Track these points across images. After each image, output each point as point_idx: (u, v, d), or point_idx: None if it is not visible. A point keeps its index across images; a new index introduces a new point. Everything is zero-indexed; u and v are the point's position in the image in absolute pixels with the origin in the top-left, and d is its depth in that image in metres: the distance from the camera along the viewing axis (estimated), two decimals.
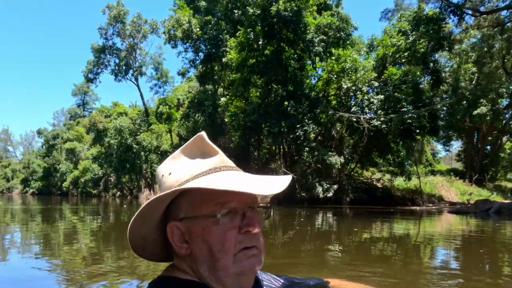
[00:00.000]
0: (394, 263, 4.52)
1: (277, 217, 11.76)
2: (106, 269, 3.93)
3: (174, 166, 0.70)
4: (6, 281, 3.41)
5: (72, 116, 60.95)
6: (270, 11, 17.74)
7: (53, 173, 51.45)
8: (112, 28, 37.08)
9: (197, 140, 0.72)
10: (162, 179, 0.71)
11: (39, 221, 10.46)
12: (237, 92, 19.84)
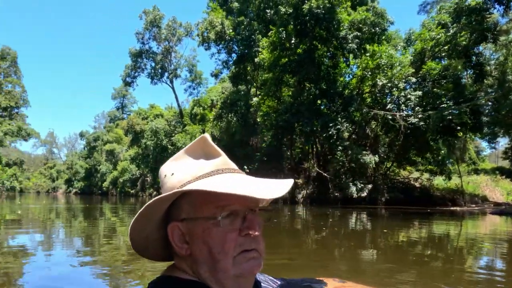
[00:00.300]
0: (433, 269, 4.18)
1: (309, 217, 11.80)
2: (143, 266, 4.06)
3: (176, 166, 0.72)
4: (50, 275, 3.63)
5: (112, 118, 64.61)
6: (302, 9, 17.79)
7: (94, 173, 54.77)
8: (149, 33, 38.74)
9: (200, 142, 0.73)
10: (164, 180, 0.72)
11: (81, 219, 11.17)
12: (269, 91, 20.06)
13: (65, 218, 11.65)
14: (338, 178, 16.17)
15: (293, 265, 4.15)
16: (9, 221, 9.76)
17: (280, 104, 19.60)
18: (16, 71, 61.16)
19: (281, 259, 4.34)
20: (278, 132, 18.69)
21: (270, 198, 0.64)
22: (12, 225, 8.74)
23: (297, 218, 11.42)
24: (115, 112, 64.80)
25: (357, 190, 15.41)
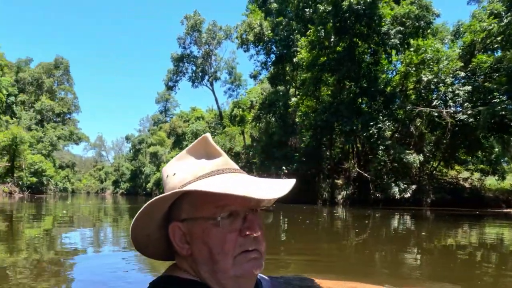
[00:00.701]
0: (484, 278, 3.71)
1: (349, 218, 11.71)
2: None
3: (178, 166, 0.72)
4: (99, 271, 3.87)
5: (156, 122, 67.88)
6: (341, 6, 17.71)
7: (139, 175, 57.83)
8: (190, 37, 40.30)
9: (202, 142, 0.73)
10: (166, 180, 0.73)
11: (127, 218, 11.95)
12: (308, 91, 20.12)
13: (112, 217, 12.51)
14: (380, 179, 15.84)
15: (332, 267, 4.05)
16: (60, 219, 10.70)
17: (319, 104, 19.59)
18: (68, 79, 66.20)
19: (319, 261, 4.30)
20: (317, 132, 18.68)
21: (270, 198, 0.63)
22: (64, 224, 9.55)
23: (336, 220, 11.36)
24: (159, 116, 68.06)
25: (400, 191, 15.00)
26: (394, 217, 12.02)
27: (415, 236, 7.38)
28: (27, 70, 56.95)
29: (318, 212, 13.47)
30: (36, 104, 53.97)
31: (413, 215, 12.65)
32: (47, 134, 48.93)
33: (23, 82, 54.96)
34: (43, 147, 45.53)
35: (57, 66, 63.70)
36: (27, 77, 55.43)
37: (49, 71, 61.01)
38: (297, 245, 5.88)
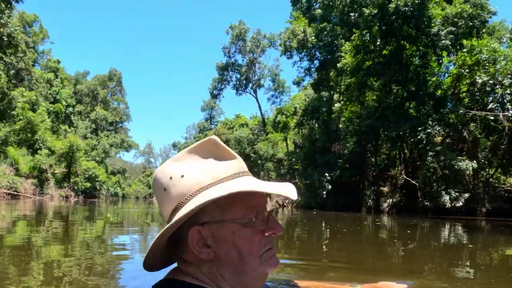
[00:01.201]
0: None
1: (395, 227, 11.45)
2: None
3: (184, 168, 0.70)
4: (141, 273, 4.16)
5: (201, 129, 70.58)
6: (388, 9, 17.55)
7: None
8: (234, 46, 41.63)
9: (209, 143, 0.72)
10: (171, 182, 0.69)
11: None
12: (352, 96, 19.99)
13: (159, 221, 13.30)
14: (429, 186, 15.25)
15: (376, 279, 4.00)
16: (111, 222, 11.56)
17: (364, 109, 19.37)
18: (121, 90, 70.77)
19: (363, 271, 4.16)
20: (362, 138, 18.46)
21: (294, 199, 0.68)
22: (114, 226, 10.27)
23: (382, 228, 11.13)
24: (204, 123, 70.72)
25: (450, 200, 14.33)
26: (445, 227, 11.52)
27: (468, 248, 6.92)
28: (84, 83, 61.84)
29: (360, 220, 13.29)
30: (92, 114, 58.29)
31: (465, 225, 12.03)
32: (101, 142, 52.61)
33: (80, 93, 59.74)
34: (97, 154, 49.02)
35: (111, 78, 68.43)
36: (84, 89, 60.21)
37: (103, 83, 65.72)
38: (329, 252, 5.88)
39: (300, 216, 15.99)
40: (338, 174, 19.56)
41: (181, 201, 0.68)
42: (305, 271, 3.96)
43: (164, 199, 0.70)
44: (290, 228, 9.81)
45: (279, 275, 3.11)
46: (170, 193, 0.69)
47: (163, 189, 0.70)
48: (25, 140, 33.37)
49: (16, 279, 3.01)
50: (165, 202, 0.70)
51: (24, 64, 38.27)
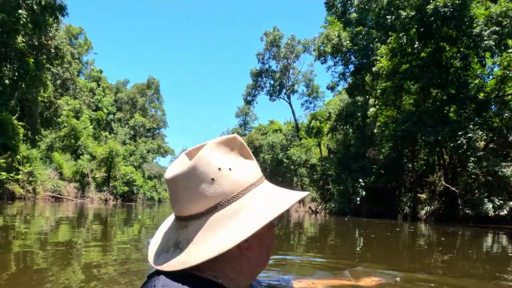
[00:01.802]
0: None
1: (434, 236, 11.11)
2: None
3: (230, 161, 0.68)
4: None
5: None
6: (426, 10, 17.26)
7: None
8: (268, 52, 42.18)
9: (236, 141, 0.71)
10: (220, 173, 0.65)
11: None
12: (388, 100, 19.69)
13: None
14: (470, 193, 14.64)
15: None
16: (147, 225, 12.11)
17: (400, 113, 19.01)
18: (158, 97, 73.48)
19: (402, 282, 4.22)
20: (398, 143, 18.08)
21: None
22: (150, 228, 10.82)
23: (419, 236, 10.82)
24: (238, 129, 71.93)
25: (494, 208, 13.66)
26: (487, 236, 10.99)
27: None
28: (124, 91, 64.92)
29: (393, 227, 13.02)
30: (130, 121, 60.95)
31: (510, 235, 11.46)
32: (139, 147, 54.82)
33: (120, 101, 62.76)
34: (135, 159, 51.17)
35: (149, 86, 71.31)
36: (124, 97, 63.21)
37: (142, 91, 68.62)
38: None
39: (331, 222, 15.90)
40: (373, 180, 19.22)
41: (232, 196, 0.65)
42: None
43: (206, 191, 0.64)
44: (315, 233, 9.84)
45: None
46: (219, 186, 0.65)
47: (208, 179, 0.65)
48: (69, 146, 35.53)
49: (56, 277, 3.20)
50: (206, 195, 0.65)
51: (70, 74, 40.95)
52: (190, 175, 0.65)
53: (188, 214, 0.67)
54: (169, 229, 0.74)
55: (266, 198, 0.68)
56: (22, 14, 17.63)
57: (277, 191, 0.72)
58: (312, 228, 12.79)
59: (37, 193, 22.79)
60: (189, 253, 0.64)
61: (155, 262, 0.69)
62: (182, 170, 0.66)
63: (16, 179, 20.10)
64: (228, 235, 0.62)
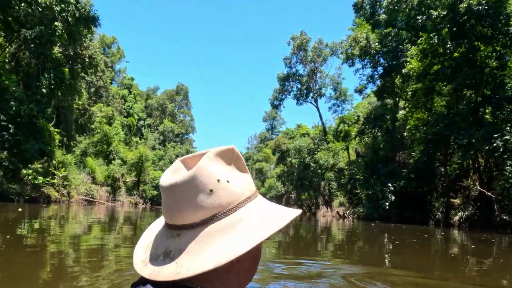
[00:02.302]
0: None
1: (468, 243, 10.75)
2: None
3: (228, 173, 0.68)
4: None
5: (262, 139, 72.69)
6: (458, 9, 16.81)
7: None
8: (296, 57, 42.16)
9: (233, 153, 0.70)
10: (219, 185, 0.65)
11: None
12: (418, 103, 19.22)
13: None
14: (507, 198, 13.99)
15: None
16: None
17: (431, 116, 18.51)
18: (187, 103, 75.04)
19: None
20: (429, 146, 17.58)
21: None
22: None
23: (452, 243, 10.50)
24: (265, 133, 72.67)
25: None
26: None
27: None
28: (154, 97, 66.86)
29: (424, 233, 12.67)
30: (160, 127, 62.57)
31: None
32: (168, 152, 56.18)
33: (151, 107, 64.62)
34: (164, 164, 52.52)
35: (178, 92, 73.02)
36: (154, 103, 65.06)
37: (171, 97, 70.37)
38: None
39: (358, 227, 15.66)
40: (403, 184, 18.74)
41: (228, 208, 0.65)
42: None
43: (203, 202, 0.63)
44: (342, 239, 9.75)
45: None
46: (218, 197, 0.64)
47: (207, 190, 0.64)
48: (101, 151, 36.95)
49: (89, 277, 3.39)
50: (203, 206, 0.64)
51: (103, 82, 42.72)
52: (188, 184, 0.64)
53: (182, 224, 0.65)
54: (158, 236, 0.71)
55: (262, 213, 0.67)
56: (58, 26, 18.66)
57: (272, 206, 0.71)
58: (340, 234, 12.67)
59: (71, 197, 23.83)
60: (181, 263, 0.62)
61: (142, 270, 0.66)
62: (181, 179, 0.64)
63: (51, 183, 21.13)
64: (224, 248, 0.61)
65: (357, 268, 4.86)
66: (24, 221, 9.31)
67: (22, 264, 3.78)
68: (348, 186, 25.35)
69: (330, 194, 31.20)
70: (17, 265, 3.69)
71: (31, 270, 3.47)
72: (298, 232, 12.74)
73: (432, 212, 17.65)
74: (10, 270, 3.46)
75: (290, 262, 5.22)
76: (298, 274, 4.25)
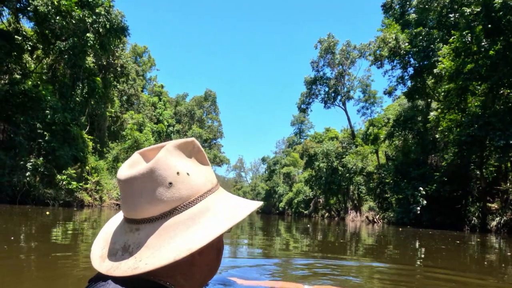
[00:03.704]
0: None
1: (508, 249, 10.24)
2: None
3: (188, 166, 0.67)
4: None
5: (290, 143, 72.95)
6: (493, 5, 16.17)
7: (273, 194, 62.89)
8: (323, 60, 41.87)
9: (193, 145, 0.70)
10: (178, 178, 0.64)
11: (261, 235, 13.12)
12: (451, 103, 18.55)
13: (247, 232, 14.01)
14: None
15: None
16: None
17: (465, 117, 17.80)
18: (215, 109, 76.17)
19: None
20: (463, 148, 16.88)
21: None
22: None
23: (489, 248, 10.04)
24: (293, 138, 72.87)
25: None
26: None
27: None
28: (183, 104, 68.39)
29: (459, 239, 12.14)
30: (188, 132, 63.79)
31: None
32: None
33: (180, 114, 66.10)
34: None
35: (206, 98, 74.28)
36: (182, 109, 66.52)
37: (200, 103, 71.68)
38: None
39: (389, 232, 15.23)
40: (435, 188, 18.05)
41: (188, 201, 0.64)
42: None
43: (162, 195, 0.63)
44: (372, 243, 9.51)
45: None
46: (177, 190, 0.63)
47: (166, 183, 0.63)
48: None
49: None
50: (162, 199, 0.63)
51: (134, 90, 44.19)
52: (147, 177, 0.62)
53: (141, 217, 0.64)
54: (117, 231, 0.69)
55: (222, 205, 0.67)
56: (90, 37, 19.53)
57: (233, 198, 0.71)
58: (370, 238, 12.39)
59: (103, 201, 24.71)
60: (140, 258, 0.61)
61: (100, 265, 0.65)
62: (139, 172, 0.63)
63: (85, 188, 22.03)
64: (184, 241, 0.61)
65: (389, 265, 4.77)
66: (58, 223, 9.73)
67: (56, 264, 3.94)
68: (377, 190, 24.72)
69: (359, 199, 30.56)
70: (52, 264, 3.85)
71: (66, 270, 3.61)
72: (326, 237, 12.57)
73: (467, 217, 16.89)
74: (47, 268, 3.62)
75: (323, 261, 5.19)
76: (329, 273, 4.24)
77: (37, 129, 18.09)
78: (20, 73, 19.44)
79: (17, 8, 18.28)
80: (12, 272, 3.18)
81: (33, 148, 18.09)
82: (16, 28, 19.17)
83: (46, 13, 17.67)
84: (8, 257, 3.84)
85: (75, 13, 18.46)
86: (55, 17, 18.07)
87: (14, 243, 4.88)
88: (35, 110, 18.27)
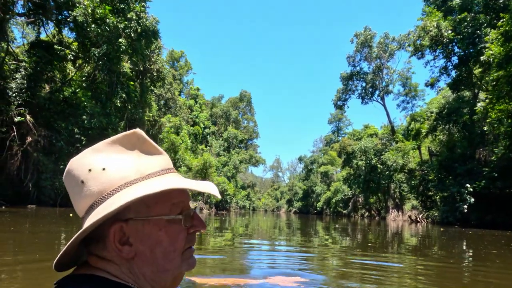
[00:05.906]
0: None
1: None
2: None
3: (105, 160, 0.66)
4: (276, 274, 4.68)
5: (328, 142, 72.07)
6: None
7: (310, 194, 62.27)
8: (360, 54, 40.65)
9: (134, 137, 0.69)
10: (90, 175, 0.64)
11: (299, 235, 12.94)
12: (501, 93, 17.24)
13: (285, 232, 13.91)
14: None
15: None
16: (243, 233, 12.59)
17: None
18: (250, 109, 76.56)
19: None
20: None
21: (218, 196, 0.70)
22: (245, 236, 11.13)
23: None
24: (331, 136, 71.92)
25: None
26: None
27: None
28: (219, 105, 69.37)
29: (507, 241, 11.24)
30: (224, 134, 64.51)
31: None
32: (232, 158, 57.73)
33: (215, 116, 67.10)
34: (228, 170, 54.10)
35: (242, 99, 74.85)
36: (218, 111, 67.49)
37: (235, 104, 72.35)
38: None
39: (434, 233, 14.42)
40: (484, 184, 16.81)
41: (101, 196, 0.64)
42: None
43: (80, 194, 0.65)
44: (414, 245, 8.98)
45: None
46: (88, 187, 0.64)
47: (79, 182, 0.65)
48: None
49: None
50: (81, 197, 0.65)
51: (171, 94, 45.36)
52: (67, 177, 0.67)
53: (80, 216, 0.68)
54: None
55: (145, 185, 0.64)
56: (122, 42, 20.16)
57: (173, 179, 0.68)
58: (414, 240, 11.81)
59: None
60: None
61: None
62: (64, 175, 0.67)
63: None
64: (98, 214, 0.62)
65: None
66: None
67: None
68: (420, 188, 23.50)
69: (401, 197, 29.19)
70: None
71: None
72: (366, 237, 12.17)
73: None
74: None
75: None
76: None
77: (75, 134, 18.95)
78: (60, 81, 20.47)
79: (58, 19, 19.27)
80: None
81: (71, 152, 18.99)
82: (59, 39, 20.23)
83: (83, 22, 18.47)
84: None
85: (109, 20, 19.13)
86: (91, 26, 18.84)
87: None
88: (74, 116, 19.16)
